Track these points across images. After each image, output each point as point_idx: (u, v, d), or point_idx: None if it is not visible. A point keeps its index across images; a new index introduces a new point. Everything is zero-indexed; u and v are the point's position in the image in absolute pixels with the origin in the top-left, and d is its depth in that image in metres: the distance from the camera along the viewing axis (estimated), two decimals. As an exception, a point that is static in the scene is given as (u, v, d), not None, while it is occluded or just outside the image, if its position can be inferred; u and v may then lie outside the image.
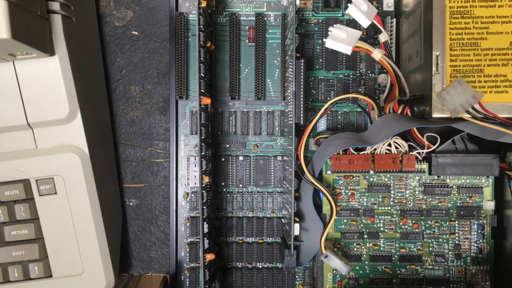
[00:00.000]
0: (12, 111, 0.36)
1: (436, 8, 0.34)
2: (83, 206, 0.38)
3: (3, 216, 0.37)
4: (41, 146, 0.37)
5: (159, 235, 0.45)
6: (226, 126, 0.43)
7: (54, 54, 0.35)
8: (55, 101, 0.36)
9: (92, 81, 0.41)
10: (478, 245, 0.42)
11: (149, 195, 0.45)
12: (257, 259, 0.43)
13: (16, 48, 0.31)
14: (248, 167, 0.43)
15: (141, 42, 0.44)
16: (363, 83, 0.43)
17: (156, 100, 0.44)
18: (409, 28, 0.40)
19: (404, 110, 0.38)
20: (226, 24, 0.43)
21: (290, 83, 0.38)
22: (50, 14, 0.34)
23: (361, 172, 0.40)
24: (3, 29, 0.28)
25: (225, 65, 0.43)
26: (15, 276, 0.37)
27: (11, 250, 0.37)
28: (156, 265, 0.45)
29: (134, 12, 0.44)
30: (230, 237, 0.43)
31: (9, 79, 0.35)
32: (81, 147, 0.37)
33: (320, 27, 0.43)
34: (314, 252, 0.41)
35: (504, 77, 0.34)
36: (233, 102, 0.43)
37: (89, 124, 0.38)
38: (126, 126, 0.45)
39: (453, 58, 0.34)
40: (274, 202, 0.43)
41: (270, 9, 0.43)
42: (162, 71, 0.44)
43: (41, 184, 0.37)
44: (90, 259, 0.38)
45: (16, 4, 0.29)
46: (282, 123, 0.43)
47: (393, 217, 0.41)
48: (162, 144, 0.45)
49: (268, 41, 0.43)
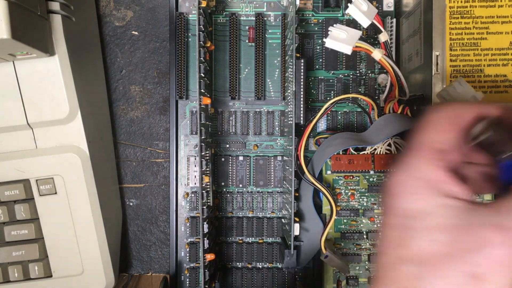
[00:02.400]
0: (12, 111, 0.36)
1: (436, 8, 0.34)
2: (83, 206, 0.38)
3: (3, 216, 0.37)
4: (41, 146, 0.37)
5: (159, 235, 0.45)
6: (226, 126, 0.43)
7: (54, 54, 0.35)
8: (55, 101, 0.36)
9: (92, 81, 0.41)
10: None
11: (149, 195, 0.45)
12: (257, 259, 0.43)
13: (16, 48, 0.31)
14: (248, 167, 0.43)
15: (141, 42, 0.44)
16: (363, 83, 0.43)
17: (156, 100, 0.44)
18: (409, 28, 0.40)
19: (404, 110, 0.38)
20: (226, 24, 0.43)
21: (290, 83, 0.38)
22: (50, 14, 0.34)
23: (361, 172, 0.40)
24: (3, 29, 0.28)
25: (225, 65, 0.43)
26: (15, 276, 0.37)
27: (11, 250, 0.37)
28: (156, 265, 0.45)
29: (134, 12, 0.44)
30: (230, 237, 0.43)
31: (9, 79, 0.35)
32: (81, 147, 0.37)
33: (320, 27, 0.43)
34: (314, 252, 0.41)
35: (504, 77, 0.34)
36: (233, 102, 0.43)
37: (89, 124, 0.38)
38: (126, 126, 0.45)
39: (453, 58, 0.34)
40: (274, 202, 0.43)
41: (270, 9, 0.43)
42: (162, 71, 0.44)
43: (41, 184, 0.37)
44: (90, 259, 0.38)
45: (16, 4, 0.29)
46: (282, 123, 0.43)
47: (393, 217, 0.41)
48: (162, 144, 0.45)
49: (268, 41, 0.43)
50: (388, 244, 0.23)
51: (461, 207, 0.22)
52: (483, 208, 0.21)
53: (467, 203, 0.22)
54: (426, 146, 0.24)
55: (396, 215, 0.23)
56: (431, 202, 0.22)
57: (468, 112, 0.24)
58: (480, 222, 0.21)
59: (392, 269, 0.22)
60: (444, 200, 0.22)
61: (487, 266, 0.20)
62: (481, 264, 0.20)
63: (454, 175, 0.23)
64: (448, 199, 0.22)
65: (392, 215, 0.24)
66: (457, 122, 0.24)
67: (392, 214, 0.24)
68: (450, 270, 0.20)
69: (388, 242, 0.23)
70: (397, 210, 0.23)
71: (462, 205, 0.22)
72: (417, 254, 0.21)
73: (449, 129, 0.24)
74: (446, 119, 0.24)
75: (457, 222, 0.21)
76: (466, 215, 0.21)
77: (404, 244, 0.22)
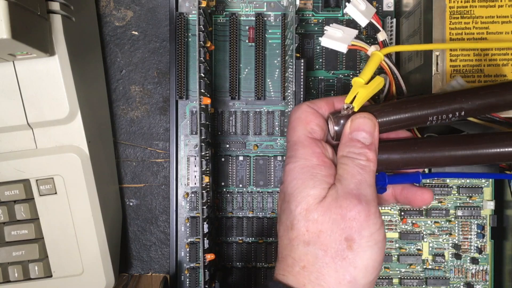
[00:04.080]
0: (12, 111, 0.36)
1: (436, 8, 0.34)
2: (83, 206, 0.38)
3: (3, 216, 0.37)
4: (41, 146, 0.37)
5: (159, 235, 0.45)
6: (226, 126, 0.43)
7: (54, 54, 0.35)
8: (55, 101, 0.36)
9: (92, 81, 0.41)
10: (478, 245, 0.42)
11: (149, 195, 0.45)
12: (257, 259, 0.43)
13: (16, 48, 0.31)
14: (248, 167, 0.43)
15: (141, 42, 0.44)
16: (363, 83, 0.43)
17: (156, 100, 0.44)
18: (409, 28, 0.40)
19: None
20: (226, 24, 0.43)
21: (290, 83, 0.38)
22: (50, 14, 0.34)
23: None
24: (3, 29, 0.28)
25: (225, 65, 0.43)
26: (15, 276, 0.37)
27: (11, 250, 0.37)
28: (156, 265, 0.45)
29: (134, 12, 0.44)
30: (230, 237, 0.43)
31: (9, 79, 0.35)
32: (81, 147, 0.37)
33: (320, 27, 0.43)
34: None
35: (504, 77, 0.34)
36: (233, 102, 0.43)
37: (89, 124, 0.38)
38: (126, 126, 0.45)
39: (453, 58, 0.34)
40: (274, 202, 0.43)
41: (270, 9, 0.43)
42: (162, 71, 0.44)
43: (41, 184, 0.37)
44: (90, 259, 0.38)
45: (16, 4, 0.29)
46: (282, 123, 0.43)
47: (393, 217, 0.41)
48: (162, 144, 0.45)
49: (268, 41, 0.43)
50: (284, 227, 0.27)
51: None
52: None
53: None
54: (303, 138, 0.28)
55: (283, 200, 0.27)
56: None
57: (320, 103, 0.29)
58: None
59: (290, 249, 0.26)
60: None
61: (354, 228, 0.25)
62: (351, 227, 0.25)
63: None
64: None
65: (281, 200, 0.28)
66: (317, 112, 0.28)
67: (281, 199, 0.28)
68: (331, 241, 0.25)
69: (282, 225, 0.27)
70: (282, 193, 0.28)
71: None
72: (302, 235, 0.25)
73: (314, 119, 0.28)
74: (308, 112, 0.28)
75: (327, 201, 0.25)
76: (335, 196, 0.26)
77: (291, 227, 0.26)
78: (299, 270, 0.25)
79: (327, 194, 0.26)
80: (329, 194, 0.25)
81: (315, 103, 0.29)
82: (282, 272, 0.26)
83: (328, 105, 0.29)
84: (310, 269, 0.25)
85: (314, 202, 0.25)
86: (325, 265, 0.25)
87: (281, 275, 0.26)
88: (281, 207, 0.28)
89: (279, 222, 0.28)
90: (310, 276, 0.25)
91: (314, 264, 0.25)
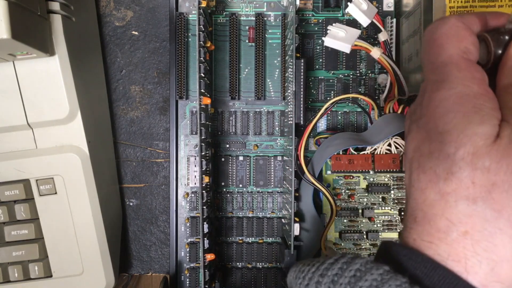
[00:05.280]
0: (12, 111, 0.36)
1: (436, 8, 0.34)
2: (83, 206, 0.38)
3: (3, 216, 0.37)
4: (41, 146, 0.37)
5: (159, 235, 0.45)
6: (226, 126, 0.43)
7: (54, 54, 0.35)
8: (55, 101, 0.36)
9: (92, 81, 0.41)
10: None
11: (149, 195, 0.45)
12: (257, 259, 0.43)
13: (16, 48, 0.31)
14: (248, 167, 0.43)
15: (141, 42, 0.44)
16: (363, 83, 0.43)
17: (156, 100, 0.44)
18: (409, 28, 0.40)
19: (404, 110, 0.38)
20: (226, 24, 0.43)
21: (290, 83, 0.38)
22: (50, 14, 0.34)
23: (361, 172, 0.40)
24: (3, 29, 0.28)
25: (225, 65, 0.43)
26: (15, 276, 0.37)
27: (11, 250, 0.37)
28: (156, 265, 0.45)
29: (134, 12, 0.44)
30: (230, 237, 0.43)
31: (9, 79, 0.35)
32: (81, 147, 0.37)
33: (320, 27, 0.43)
34: (314, 252, 0.41)
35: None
36: (233, 102, 0.43)
37: (89, 124, 0.38)
38: (126, 126, 0.45)
39: (453, 58, 0.34)
40: (274, 202, 0.43)
41: (270, 9, 0.43)
42: (162, 71, 0.44)
43: (41, 184, 0.37)
44: (90, 259, 0.38)
45: (16, 4, 0.29)
46: (282, 123, 0.43)
47: (393, 217, 0.41)
48: (162, 144, 0.45)
49: (268, 41, 0.43)
50: (431, 177, 0.20)
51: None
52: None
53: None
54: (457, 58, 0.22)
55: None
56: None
57: (473, 19, 0.23)
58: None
59: (443, 208, 0.19)
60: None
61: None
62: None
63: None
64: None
65: (419, 140, 0.22)
66: (470, 28, 0.23)
67: (419, 138, 0.22)
68: (509, 199, 0.18)
69: (425, 174, 0.20)
70: (423, 130, 0.22)
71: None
72: (465, 188, 0.19)
73: (468, 36, 0.22)
74: (460, 28, 0.23)
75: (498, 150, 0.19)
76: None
77: (447, 177, 0.19)
78: (457, 237, 0.19)
79: (501, 134, 0.19)
80: (504, 133, 0.19)
81: (465, 17, 0.23)
82: (428, 239, 0.20)
83: (481, 21, 0.23)
84: (475, 237, 0.19)
85: (485, 143, 0.19)
86: (499, 231, 0.18)
87: (425, 243, 0.20)
88: (419, 148, 0.21)
89: (418, 169, 0.21)
90: (475, 246, 0.19)
91: (481, 230, 0.19)
